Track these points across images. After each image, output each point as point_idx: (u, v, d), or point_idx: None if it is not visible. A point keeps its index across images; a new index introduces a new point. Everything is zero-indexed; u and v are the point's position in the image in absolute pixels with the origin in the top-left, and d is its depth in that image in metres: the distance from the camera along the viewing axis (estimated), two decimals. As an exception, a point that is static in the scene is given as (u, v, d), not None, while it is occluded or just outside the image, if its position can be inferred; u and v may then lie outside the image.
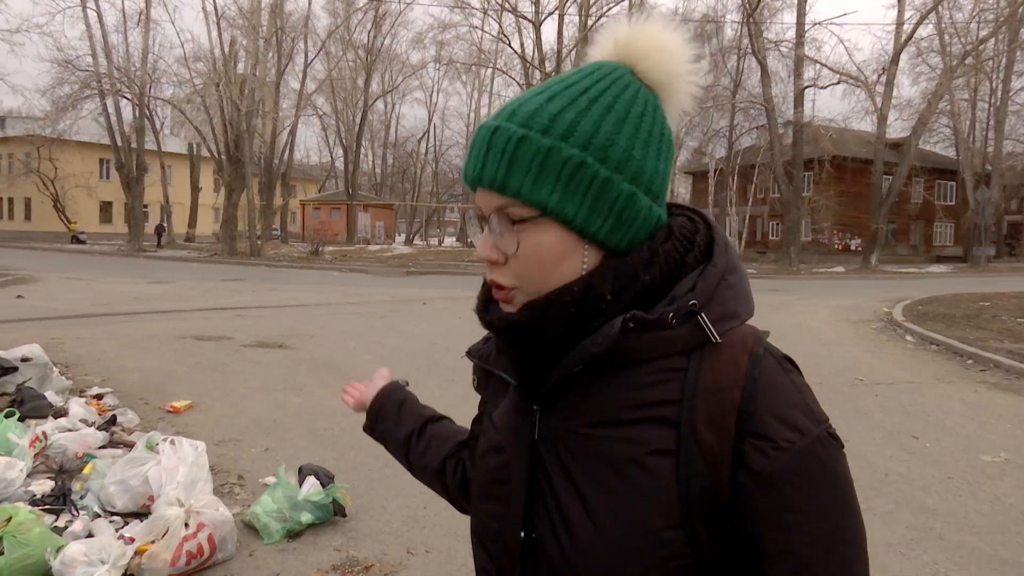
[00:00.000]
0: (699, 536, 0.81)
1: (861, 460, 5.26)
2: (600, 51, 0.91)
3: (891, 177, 34.86)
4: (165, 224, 43.97)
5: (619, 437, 0.84)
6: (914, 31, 33.58)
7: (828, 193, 38.93)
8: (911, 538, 3.98)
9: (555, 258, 0.84)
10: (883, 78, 34.13)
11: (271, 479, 4.34)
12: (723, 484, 0.80)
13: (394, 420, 1.30)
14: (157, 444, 4.06)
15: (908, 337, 11.64)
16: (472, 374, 1.10)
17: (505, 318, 0.87)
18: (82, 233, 47.02)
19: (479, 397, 1.10)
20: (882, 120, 34.06)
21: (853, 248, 42.19)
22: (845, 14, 46.90)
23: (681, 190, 66.48)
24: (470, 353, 1.04)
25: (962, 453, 5.51)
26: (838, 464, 0.82)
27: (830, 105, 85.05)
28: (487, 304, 0.93)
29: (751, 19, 34.07)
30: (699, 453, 0.80)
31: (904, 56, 35.20)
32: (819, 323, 13.21)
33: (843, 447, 0.85)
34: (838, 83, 35.21)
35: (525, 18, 40.55)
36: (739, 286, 0.89)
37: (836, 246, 43.36)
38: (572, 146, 0.81)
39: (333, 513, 3.97)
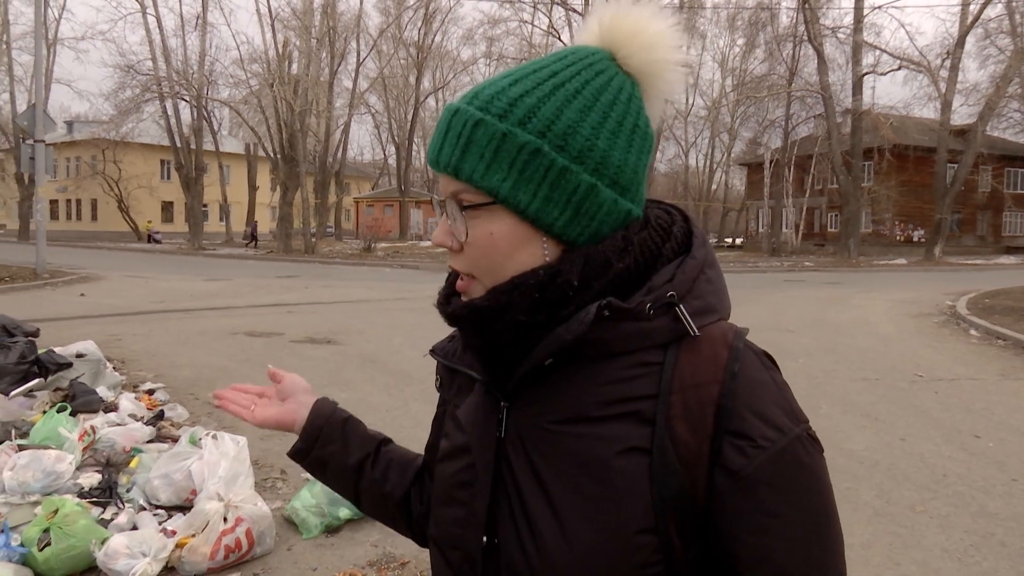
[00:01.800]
0: (672, 541, 0.77)
1: (917, 460, 5.05)
2: (586, 35, 0.86)
3: (956, 165, 33.66)
4: (255, 224, 44.50)
5: (591, 434, 0.79)
6: (981, 11, 32.29)
7: (889, 183, 37.76)
8: (970, 544, 3.79)
9: (508, 248, 0.80)
10: (947, 62, 32.94)
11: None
12: (699, 485, 0.76)
13: (341, 443, 1.10)
14: (200, 439, 4.12)
15: (972, 331, 11.19)
16: (435, 374, 1.04)
17: (467, 304, 0.84)
18: (157, 233, 48.47)
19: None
20: (946, 106, 32.88)
21: (916, 239, 40.91)
22: (907, -3, 45.30)
23: (736, 182, 65.40)
24: (433, 351, 0.99)
25: (1028, 453, 5.25)
26: (818, 467, 0.79)
27: (891, 92, 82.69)
28: (448, 298, 0.89)
29: (807, 5, 33.23)
30: (674, 451, 0.76)
31: (970, 39, 33.90)
32: (878, 317, 12.81)
33: (823, 450, 0.81)
34: (899, 69, 34.17)
35: (575, 11, 40.26)
36: (717, 281, 0.85)
37: (898, 237, 42.09)
38: (529, 132, 0.77)
39: (371, 509, 3.97)
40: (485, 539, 0.84)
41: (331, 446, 1.10)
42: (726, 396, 0.76)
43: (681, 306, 0.79)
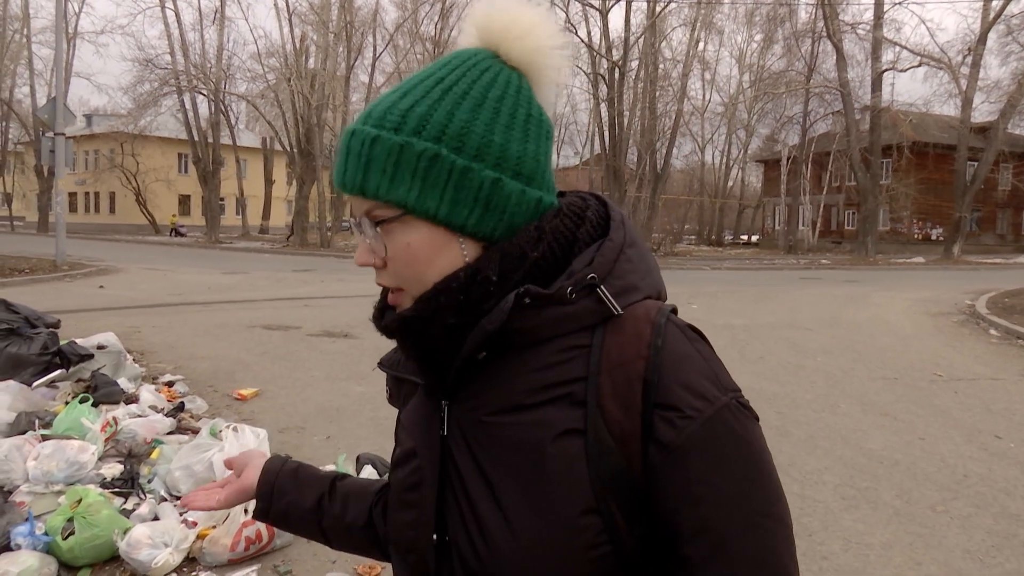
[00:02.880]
0: (615, 520, 0.78)
1: (938, 460, 5.01)
2: (466, 37, 0.89)
3: (976, 163, 33.28)
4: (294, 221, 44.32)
5: (525, 421, 0.80)
6: (1004, 7, 31.86)
7: (908, 181, 37.46)
8: (992, 544, 3.76)
9: (427, 255, 0.82)
10: (968, 59, 32.55)
11: (331, 467, 4.38)
12: (635, 461, 0.78)
13: (294, 491, 1.13)
14: (220, 431, 4.15)
15: (992, 331, 11.07)
16: (385, 387, 1.05)
17: (397, 317, 0.86)
18: (182, 227, 48.78)
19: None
20: (967, 103, 32.52)
21: (934, 238, 40.55)
22: (928, -7, 44.78)
23: (752, 179, 65.02)
24: (381, 364, 1.00)
25: (1050, 454, 5.19)
26: (750, 434, 0.80)
27: (910, 89, 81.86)
28: (383, 312, 0.91)
29: (826, 1, 32.93)
30: (608, 430, 0.78)
31: (992, 35, 33.45)
32: (896, 316, 12.71)
33: (757, 419, 0.82)
34: (919, 66, 33.80)
35: (591, 6, 40.11)
36: (639, 260, 0.86)
37: (916, 236, 41.74)
38: (425, 139, 0.80)
39: (390, 501, 3.99)
40: (436, 537, 0.85)
41: (287, 496, 1.13)
42: (651, 371, 0.78)
43: (602, 287, 0.81)
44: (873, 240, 34.16)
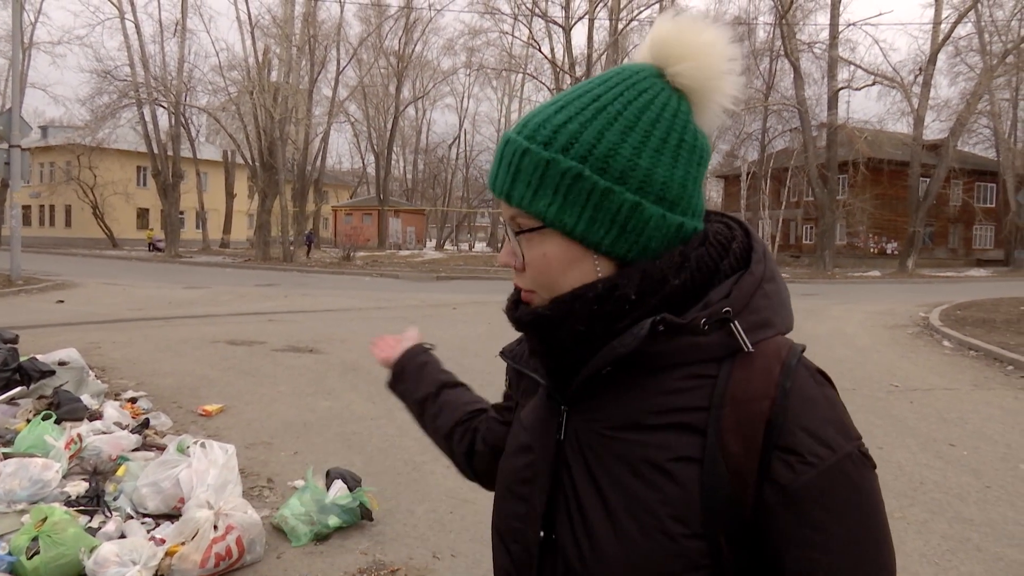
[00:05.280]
0: (720, 548, 0.79)
1: (895, 468, 5.16)
2: (640, 51, 0.90)
3: (928, 179, 34.23)
4: (313, 233, 43.47)
5: (644, 441, 0.83)
6: (952, 30, 32.97)
7: (863, 196, 38.32)
8: (947, 548, 3.89)
9: (560, 267, 0.85)
10: (920, 79, 33.57)
11: (299, 482, 4.38)
12: (748, 497, 0.78)
13: (413, 381, 1.35)
14: (188, 447, 4.12)
15: (945, 342, 11.40)
16: (505, 375, 1.12)
17: (531, 312, 0.89)
18: (160, 240, 47.68)
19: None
20: (919, 122, 33.47)
21: (889, 252, 41.50)
22: (880, 14, 45.93)
23: (713, 194, 65.90)
24: (503, 353, 1.05)
25: (1001, 462, 5.37)
26: (869, 485, 0.80)
27: (865, 107, 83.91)
28: (517, 304, 0.95)
29: (784, 20, 33.72)
30: (724, 463, 0.79)
31: (942, 56, 34.59)
32: (854, 328, 13.00)
33: (875, 467, 0.82)
34: (873, 84, 34.72)
35: (555, 23, 40.58)
36: (776, 296, 0.87)
37: (872, 250, 42.67)
38: (571, 158, 0.82)
39: (360, 517, 3.99)
40: (543, 534, 0.89)
41: (407, 383, 1.36)
42: (777, 412, 0.78)
43: (735, 322, 0.81)
44: (831, 254, 34.84)
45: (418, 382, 1.34)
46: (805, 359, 0.84)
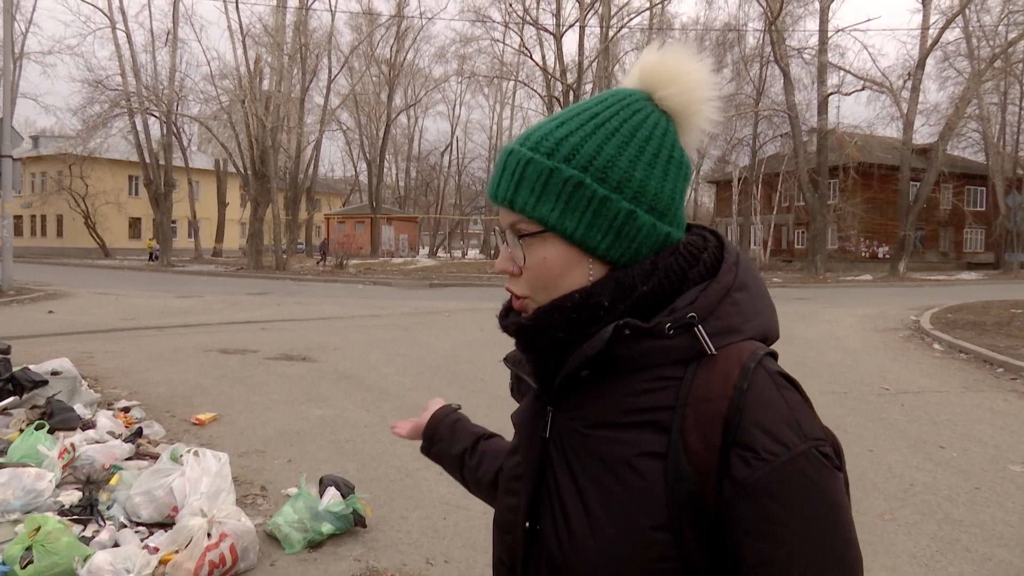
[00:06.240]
0: (686, 539, 0.84)
1: (886, 470, 5.20)
2: (629, 78, 0.98)
3: (919, 183, 34.40)
4: (327, 241, 43.15)
5: (616, 438, 0.89)
6: (940, 35, 33.20)
7: (854, 200, 38.51)
8: (936, 550, 3.92)
9: (559, 270, 0.91)
10: (909, 83, 33.76)
11: (293, 490, 4.39)
12: (710, 491, 0.83)
13: (448, 439, 1.38)
14: (181, 455, 4.12)
15: (936, 345, 11.47)
16: (510, 379, 1.16)
17: (515, 322, 0.96)
18: (159, 250, 47.45)
19: (501, 408, 1.17)
20: (908, 126, 33.66)
21: (881, 256, 41.68)
22: (869, 20, 46.59)
23: (705, 199, 66.16)
24: (506, 360, 1.10)
25: (990, 463, 5.42)
26: (824, 483, 0.83)
27: (855, 112, 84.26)
28: (508, 312, 1.00)
29: (773, 27, 33.92)
30: (687, 458, 0.84)
31: (930, 61, 34.81)
32: (845, 332, 13.07)
33: (839, 469, 0.85)
34: (862, 89, 34.90)
35: (546, 30, 40.69)
36: (747, 304, 0.91)
37: (863, 254, 42.86)
38: (573, 167, 0.88)
39: (353, 524, 4.01)
40: (528, 524, 0.95)
41: (441, 443, 1.39)
42: (733, 411, 0.83)
43: (700, 327, 0.87)
44: (822, 258, 34.99)
45: (453, 439, 1.38)
46: (768, 362, 0.88)
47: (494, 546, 1.06)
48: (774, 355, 0.91)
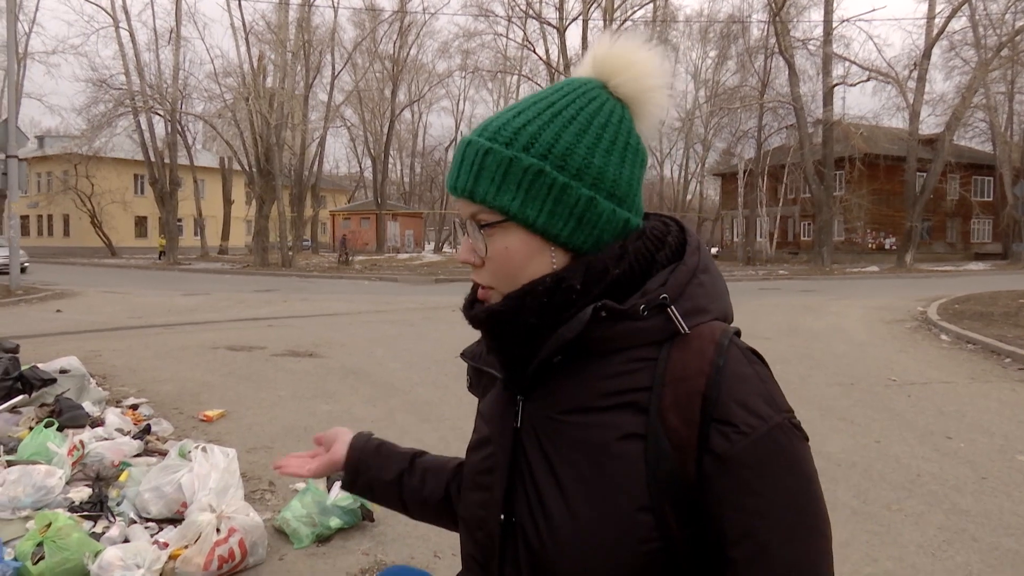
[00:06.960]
0: (667, 519, 0.84)
1: (893, 461, 5.19)
2: (581, 68, 0.98)
3: (925, 174, 34.27)
4: (347, 239, 43.16)
5: (592, 423, 0.88)
6: (946, 24, 33.03)
7: (860, 192, 38.40)
8: (943, 539, 3.92)
9: (521, 259, 0.91)
10: (915, 73, 33.61)
11: (301, 485, 4.41)
12: (690, 467, 0.84)
13: (377, 466, 1.24)
14: (189, 452, 4.14)
15: (943, 336, 11.44)
16: (466, 376, 1.15)
17: (486, 308, 0.95)
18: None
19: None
20: (914, 116, 33.53)
21: (887, 247, 41.57)
22: (874, 10, 46.34)
23: (710, 192, 66.03)
24: (464, 355, 1.10)
25: (998, 453, 5.40)
26: (798, 453, 0.86)
27: (860, 102, 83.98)
28: (472, 303, 1.01)
29: (777, 18, 33.79)
30: (666, 437, 0.85)
31: (936, 50, 34.66)
32: (852, 323, 13.04)
33: (807, 439, 0.88)
34: (868, 80, 34.77)
35: (549, 24, 40.61)
36: (710, 285, 0.93)
37: (870, 245, 42.74)
38: (532, 156, 0.88)
39: (361, 518, 4.02)
40: (503, 517, 0.94)
41: (370, 471, 1.25)
42: (711, 387, 0.85)
43: (673, 307, 0.89)
44: (829, 250, 34.90)
45: (383, 464, 1.24)
46: (737, 340, 0.91)
47: (462, 544, 1.03)
48: (738, 333, 0.93)
